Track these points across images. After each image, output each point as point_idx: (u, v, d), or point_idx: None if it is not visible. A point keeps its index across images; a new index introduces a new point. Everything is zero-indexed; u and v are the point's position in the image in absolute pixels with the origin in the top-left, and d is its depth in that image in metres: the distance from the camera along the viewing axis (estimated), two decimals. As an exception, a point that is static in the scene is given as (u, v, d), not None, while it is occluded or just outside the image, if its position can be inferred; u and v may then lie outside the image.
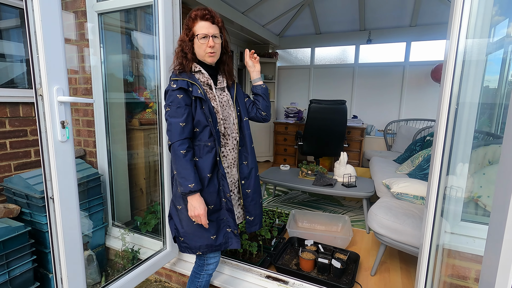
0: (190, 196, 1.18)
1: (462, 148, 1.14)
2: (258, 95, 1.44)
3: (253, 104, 1.46)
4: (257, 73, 1.42)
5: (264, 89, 1.43)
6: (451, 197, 1.18)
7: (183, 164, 1.17)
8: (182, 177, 1.17)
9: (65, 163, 1.06)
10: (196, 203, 1.19)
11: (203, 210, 1.20)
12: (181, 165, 1.17)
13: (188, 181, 1.16)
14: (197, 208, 1.19)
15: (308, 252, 1.92)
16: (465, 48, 1.03)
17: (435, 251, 1.17)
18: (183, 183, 1.17)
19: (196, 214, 1.19)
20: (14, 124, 1.77)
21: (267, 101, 1.45)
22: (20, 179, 1.62)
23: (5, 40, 1.88)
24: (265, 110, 1.44)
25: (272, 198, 3.37)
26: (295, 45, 5.13)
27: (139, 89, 2.19)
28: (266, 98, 1.44)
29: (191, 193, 1.17)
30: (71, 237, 1.11)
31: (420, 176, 2.43)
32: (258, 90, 1.43)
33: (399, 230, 1.71)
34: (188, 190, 1.16)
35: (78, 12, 1.88)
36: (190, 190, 1.16)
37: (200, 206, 1.19)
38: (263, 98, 1.43)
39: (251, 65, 1.42)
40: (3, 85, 1.86)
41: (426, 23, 4.14)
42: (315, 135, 3.62)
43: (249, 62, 1.41)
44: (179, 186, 1.19)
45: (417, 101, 4.38)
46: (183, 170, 1.17)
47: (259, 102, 1.44)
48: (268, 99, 1.46)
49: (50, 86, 0.98)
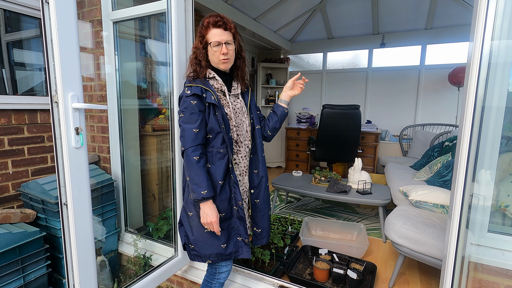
0: (203, 203, 1.17)
1: (488, 154, 1.08)
2: (276, 114, 1.41)
3: (262, 119, 1.44)
4: (289, 96, 1.40)
5: (283, 113, 1.41)
6: (476, 206, 1.11)
7: (196, 171, 1.15)
8: (195, 184, 1.16)
9: (79, 169, 1.06)
10: (208, 210, 1.17)
11: (216, 217, 1.17)
12: (194, 172, 1.16)
13: (201, 188, 1.15)
14: (209, 215, 1.17)
15: (322, 262, 1.86)
16: (490, 50, 0.97)
17: (460, 263, 1.10)
18: (196, 190, 1.15)
19: (209, 221, 1.17)
20: (32, 131, 1.81)
21: (279, 125, 1.43)
22: (36, 184, 1.64)
23: (26, 49, 1.95)
24: (272, 131, 1.42)
25: (284, 204, 3.32)
26: (307, 50, 5.11)
27: (152, 95, 2.22)
28: (280, 122, 1.42)
29: (203, 200, 1.16)
30: (83, 243, 1.11)
31: (439, 183, 2.33)
32: (279, 111, 1.41)
33: (419, 240, 1.63)
34: (201, 197, 1.15)
35: (94, 21, 1.93)
36: (203, 197, 1.15)
37: (213, 213, 1.17)
38: (277, 120, 1.41)
39: (289, 86, 1.39)
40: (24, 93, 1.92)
41: (443, 26, 4.04)
42: (328, 140, 3.56)
43: (290, 83, 1.38)
44: (192, 192, 1.17)
45: (434, 105, 4.25)
46: (196, 177, 1.16)
47: (271, 121, 1.41)
48: (281, 124, 1.43)
49: (65, 93, 0.99)
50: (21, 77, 1.93)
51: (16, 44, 1.90)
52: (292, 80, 1.38)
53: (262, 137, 1.42)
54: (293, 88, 1.39)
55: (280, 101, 1.42)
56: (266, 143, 1.44)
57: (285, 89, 1.40)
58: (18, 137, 1.74)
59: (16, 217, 1.53)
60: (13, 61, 1.89)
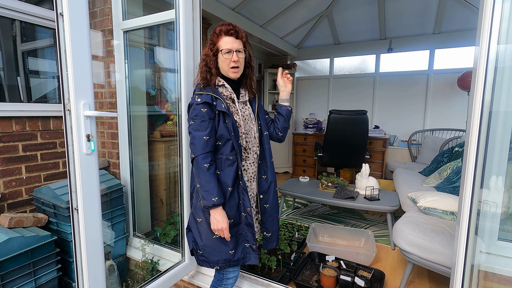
0: (214, 209, 1.18)
1: (496, 160, 1.06)
2: (281, 115, 1.43)
3: (271, 122, 1.45)
4: (287, 93, 1.43)
5: (288, 111, 1.43)
6: (486, 213, 1.10)
7: (206, 178, 1.17)
8: (205, 191, 1.17)
9: (89, 175, 1.09)
10: (219, 216, 1.18)
11: (226, 223, 1.19)
12: (204, 179, 1.17)
13: (211, 195, 1.16)
14: (220, 222, 1.18)
15: (330, 269, 1.85)
16: (497, 54, 0.97)
17: (470, 272, 1.08)
18: (207, 197, 1.16)
19: (219, 227, 1.18)
20: (45, 137, 1.87)
21: (287, 124, 1.45)
22: (48, 189, 1.69)
23: (40, 58, 2.02)
24: (282, 131, 1.44)
25: (291, 210, 3.30)
26: (313, 56, 5.13)
27: (161, 102, 2.26)
28: (287, 120, 1.44)
29: (214, 207, 1.17)
30: (93, 247, 1.13)
31: (449, 190, 2.29)
32: (283, 110, 1.43)
33: (428, 248, 1.60)
34: (212, 204, 1.16)
35: (106, 30, 1.99)
36: (213, 204, 1.16)
37: (223, 219, 1.18)
38: (284, 120, 1.43)
39: (282, 85, 1.42)
40: (37, 100, 1.98)
41: (451, 30, 4.01)
42: (335, 146, 3.55)
43: (281, 81, 1.41)
44: (202, 199, 1.18)
45: (443, 110, 4.19)
46: (206, 184, 1.17)
47: (279, 122, 1.43)
48: (288, 122, 1.45)
49: (77, 101, 1.03)
50: (35, 84, 2.00)
51: (31, 53, 1.98)
52: (280, 77, 1.41)
53: (275, 139, 1.44)
54: (286, 84, 1.42)
55: (282, 100, 1.44)
56: (273, 148, 1.45)
57: (281, 89, 1.43)
58: (31, 143, 1.80)
59: (28, 221, 1.57)
60: (28, 69, 1.96)
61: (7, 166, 1.69)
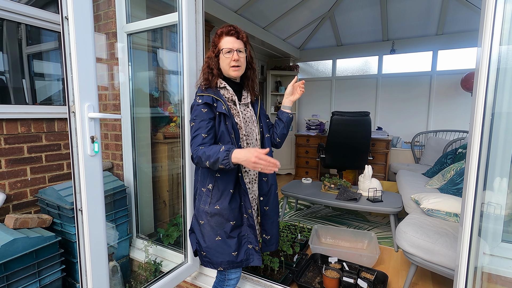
0: (233, 155, 1.07)
1: (500, 161, 1.06)
2: (281, 121, 1.43)
3: (271, 126, 1.46)
4: (291, 102, 1.43)
5: (289, 119, 1.44)
6: (489, 215, 1.09)
7: (206, 151, 1.12)
8: (211, 155, 1.10)
9: (94, 176, 1.10)
10: (242, 152, 1.07)
11: (255, 150, 1.06)
12: (204, 153, 1.12)
13: (220, 152, 1.08)
14: (250, 155, 1.05)
15: (332, 270, 1.84)
16: (499, 55, 0.97)
17: (473, 274, 1.07)
18: (216, 155, 1.08)
19: (256, 155, 1.04)
20: (50, 139, 1.89)
21: (286, 130, 1.45)
22: (53, 190, 1.70)
23: (45, 60, 2.05)
24: (280, 138, 1.44)
25: (294, 212, 3.30)
26: (316, 57, 5.13)
27: (164, 104, 2.28)
28: (287, 127, 1.45)
29: (229, 153, 1.08)
30: (97, 247, 1.14)
31: (452, 191, 2.28)
32: (284, 117, 1.43)
33: (431, 250, 1.60)
34: (225, 153, 1.08)
35: (110, 33, 2.01)
36: (226, 150, 1.08)
37: (249, 151, 1.06)
38: (284, 126, 1.43)
39: (289, 92, 1.42)
40: (41, 102, 2.01)
41: (454, 31, 3.99)
42: (337, 147, 3.54)
43: (290, 88, 1.41)
44: (218, 164, 1.09)
45: (447, 111, 4.18)
46: (209, 152, 1.11)
47: (278, 128, 1.43)
48: (288, 129, 1.45)
49: (82, 103, 1.04)
50: (39, 86, 2.02)
51: (36, 56, 2.00)
52: (291, 85, 1.41)
53: (272, 144, 1.44)
54: (293, 93, 1.42)
55: (284, 107, 1.44)
56: (275, 150, 1.45)
57: (286, 96, 1.43)
58: (36, 145, 1.82)
59: (33, 222, 1.59)
60: (33, 72, 1.98)
61: (12, 167, 1.71)
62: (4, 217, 1.57)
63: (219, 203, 1.23)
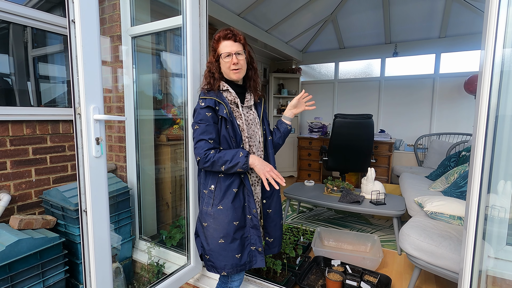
0: (250, 160, 1.18)
1: (504, 164, 1.06)
2: (279, 131, 1.46)
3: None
4: (293, 114, 1.45)
5: (287, 130, 1.46)
6: (494, 218, 1.08)
7: (222, 156, 1.18)
8: (230, 160, 1.17)
9: (98, 178, 1.11)
10: (260, 161, 1.20)
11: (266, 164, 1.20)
12: (221, 158, 1.17)
13: (240, 157, 1.17)
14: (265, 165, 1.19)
15: (335, 273, 1.84)
16: (502, 57, 0.97)
17: (478, 277, 1.07)
18: (240, 160, 1.17)
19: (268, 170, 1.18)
20: (54, 140, 1.90)
21: (282, 141, 1.47)
22: (57, 192, 1.72)
23: (50, 63, 2.07)
24: (275, 147, 1.45)
25: (296, 214, 3.29)
26: (318, 60, 5.14)
27: (167, 106, 2.29)
28: (283, 138, 1.47)
29: (248, 158, 1.18)
30: (101, 249, 1.15)
31: (456, 194, 2.26)
32: (282, 127, 1.46)
33: (435, 253, 1.59)
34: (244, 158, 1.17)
35: (114, 36, 2.03)
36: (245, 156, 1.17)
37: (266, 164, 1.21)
38: (280, 136, 1.46)
39: (294, 105, 1.43)
40: (46, 104, 2.03)
41: (457, 34, 3.99)
42: (340, 150, 3.54)
43: (295, 101, 1.43)
44: (236, 168, 1.18)
45: (450, 114, 4.16)
46: (225, 156, 1.18)
47: (274, 137, 1.45)
48: (283, 140, 1.48)
49: (87, 105, 1.05)
50: (44, 89, 2.04)
51: (41, 59, 2.03)
52: (297, 99, 1.42)
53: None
54: (297, 106, 1.43)
55: (284, 117, 1.46)
56: (278, 152, 1.46)
57: (289, 107, 1.44)
58: (41, 146, 1.84)
59: (37, 223, 1.60)
60: (38, 75, 2.00)
61: (17, 169, 1.72)
62: (9, 218, 1.58)
63: (222, 202, 1.24)
